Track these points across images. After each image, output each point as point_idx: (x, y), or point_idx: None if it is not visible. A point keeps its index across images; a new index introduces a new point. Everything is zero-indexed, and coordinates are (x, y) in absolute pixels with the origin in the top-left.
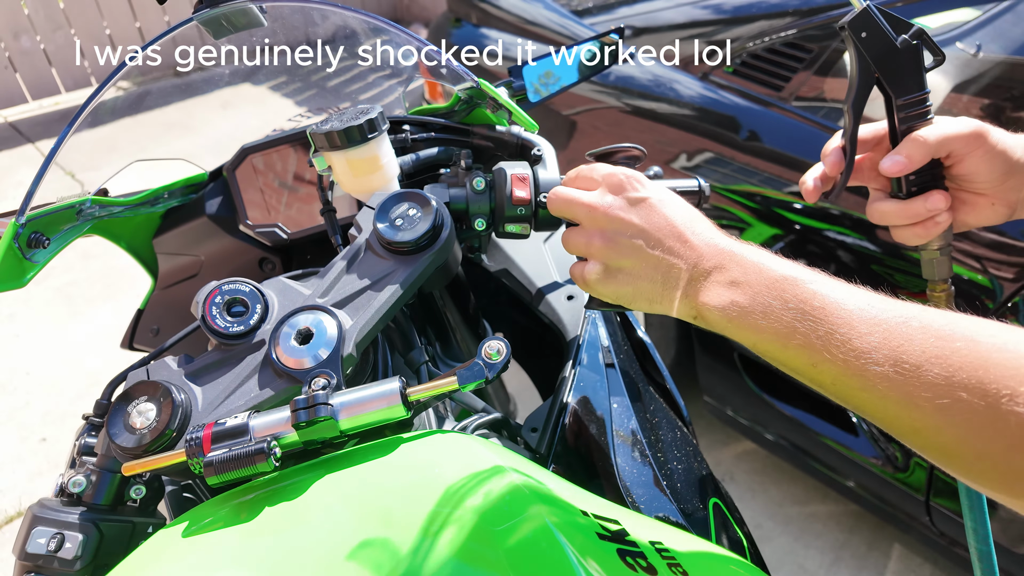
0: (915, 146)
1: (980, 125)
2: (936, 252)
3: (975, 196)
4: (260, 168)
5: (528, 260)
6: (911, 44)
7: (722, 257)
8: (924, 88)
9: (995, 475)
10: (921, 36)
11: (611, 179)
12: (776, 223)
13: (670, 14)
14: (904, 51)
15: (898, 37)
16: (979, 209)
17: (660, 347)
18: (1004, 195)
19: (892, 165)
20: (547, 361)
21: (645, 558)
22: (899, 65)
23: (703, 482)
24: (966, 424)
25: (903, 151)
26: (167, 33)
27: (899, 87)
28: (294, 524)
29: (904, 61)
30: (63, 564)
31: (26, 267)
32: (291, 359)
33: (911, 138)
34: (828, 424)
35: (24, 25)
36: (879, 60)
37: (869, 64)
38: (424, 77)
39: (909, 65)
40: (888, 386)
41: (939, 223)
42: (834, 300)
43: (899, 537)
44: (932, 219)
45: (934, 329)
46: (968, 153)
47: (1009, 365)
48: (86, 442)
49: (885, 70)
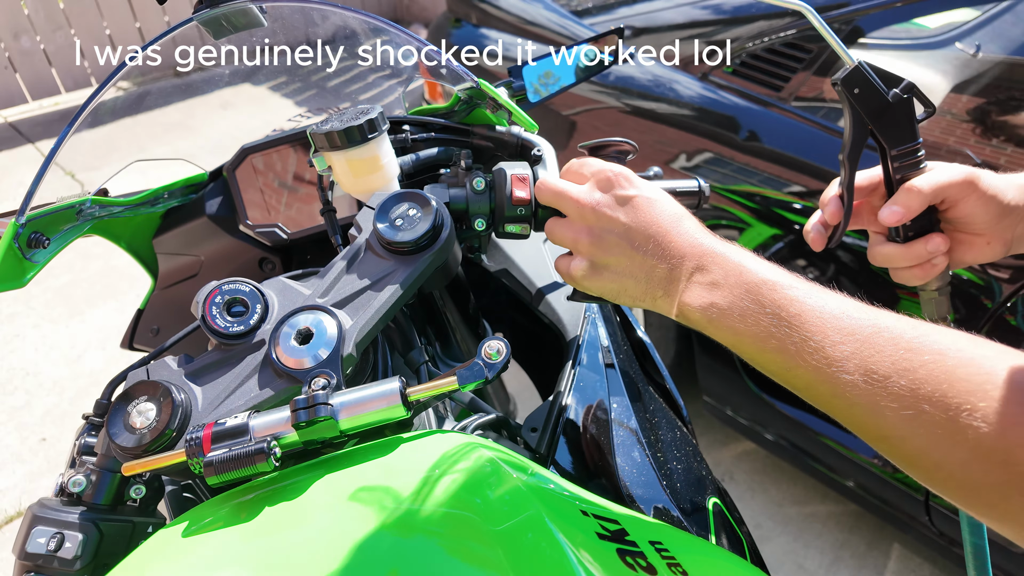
0: (911, 196)
1: (972, 171)
2: (935, 292)
3: (971, 236)
4: (260, 168)
5: (528, 260)
6: (902, 98)
7: (705, 258)
8: (917, 139)
9: (953, 485)
10: (912, 90)
11: (601, 175)
12: (776, 223)
13: (670, 14)
14: (896, 104)
15: (889, 91)
16: (976, 248)
17: (660, 347)
18: (999, 234)
19: (890, 215)
20: (547, 361)
21: (645, 558)
22: (892, 118)
23: (703, 482)
24: (928, 435)
25: (899, 201)
26: (167, 33)
27: (892, 139)
28: (294, 524)
29: (896, 114)
30: (63, 564)
31: (26, 267)
32: (291, 359)
33: (906, 188)
34: (828, 424)
35: (24, 25)
36: (872, 114)
37: (863, 118)
38: (424, 77)
39: (901, 117)
40: (857, 394)
41: (936, 265)
42: (810, 307)
43: (898, 537)
44: (930, 262)
45: (904, 341)
46: (962, 198)
47: (972, 381)
48: (86, 442)
49: (878, 123)
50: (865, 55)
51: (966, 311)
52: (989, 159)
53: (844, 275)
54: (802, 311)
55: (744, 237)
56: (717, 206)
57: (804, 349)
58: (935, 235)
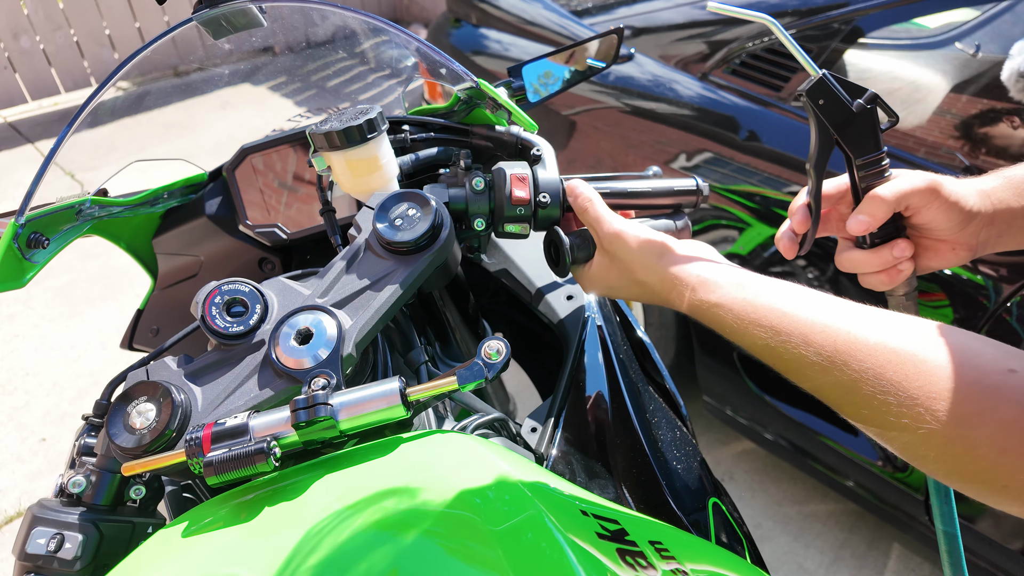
0: (875, 205)
1: (934, 179)
2: (902, 297)
3: (936, 242)
4: (260, 168)
5: (527, 260)
6: (866, 108)
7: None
8: (880, 148)
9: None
10: (875, 100)
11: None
12: (775, 223)
13: (670, 14)
14: (859, 115)
15: (853, 102)
16: (941, 254)
17: (660, 347)
18: (964, 240)
19: (857, 225)
20: (546, 361)
21: (645, 558)
22: (856, 128)
23: (702, 482)
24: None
25: (864, 210)
26: (167, 33)
27: (857, 148)
28: (294, 524)
29: (860, 124)
30: (63, 564)
31: (26, 267)
32: (291, 359)
33: (871, 196)
34: (827, 424)
35: (24, 25)
36: (837, 124)
37: (828, 128)
38: (423, 77)
39: (865, 127)
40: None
41: (902, 271)
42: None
43: (898, 536)
44: (896, 267)
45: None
46: (924, 205)
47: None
48: (86, 442)
49: (843, 133)
50: (865, 55)
51: (965, 311)
52: (989, 159)
53: (843, 275)
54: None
55: (744, 237)
56: (717, 206)
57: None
58: (900, 241)
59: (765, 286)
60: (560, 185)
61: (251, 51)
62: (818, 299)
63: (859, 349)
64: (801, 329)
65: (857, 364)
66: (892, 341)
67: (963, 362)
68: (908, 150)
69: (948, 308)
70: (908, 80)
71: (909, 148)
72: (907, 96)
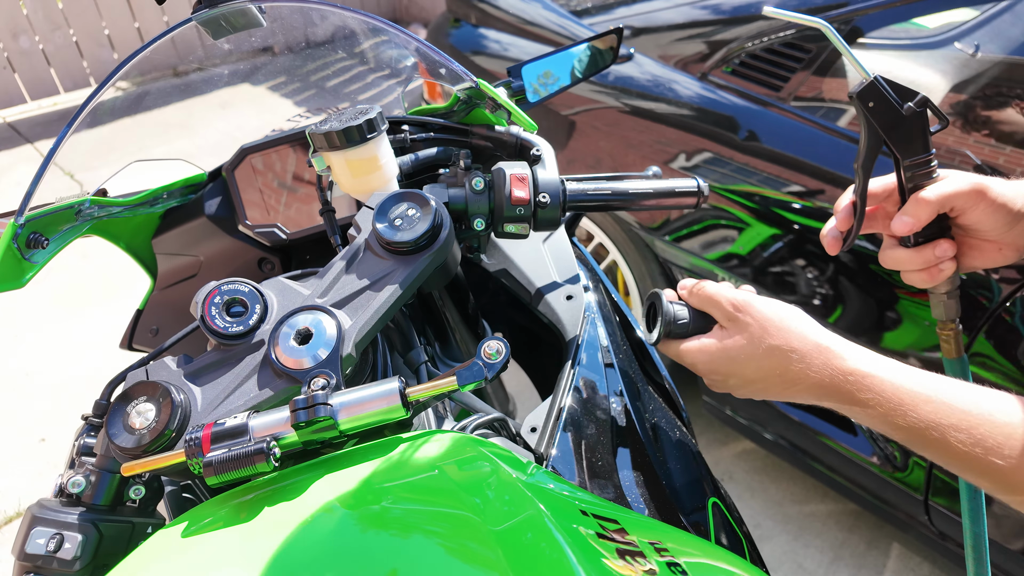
0: (919, 206)
1: (981, 181)
2: (944, 295)
3: (982, 242)
4: (259, 168)
5: (527, 260)
6: (916, 111)
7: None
8: (929, 150)
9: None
10: (926, 103)
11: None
12: (775, 223)
13: (669, 14)
14: (910, 118)
15: (904, 105)
16: (987, 254)
17: None
18: (1012, 240)
19: (901, 225)
20: (546, 361)
21: (644, 558)
22: (906, 130)
23: (702, 481)
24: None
25: (909, 211)
26: (166, 33)
27: (905, 150)
28: (294, 524)
29: (910, 126)
30: (62, 564)
31: (25, 267)
32: (290, 359)
33: (915, 199)
34: (827, 423)
35: (23, 25)
36: (886, 126)
37: (877, 130)
38: (423, 77)
39: (915, 130)
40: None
41: (943, 270)
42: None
43: (898, 536)
44: (938, 266)
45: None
46: (970, 207)
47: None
48: (85, 442)
49: (892, 135)
50: (864, 55)
51: (966, 311)
52: (988, 159)
53: (843, 275)
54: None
55: (743, 237)
56: (716, 206)
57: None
58: (943, 241)
59: (915, 373)
60: (560, 185)
61: (250, 51)
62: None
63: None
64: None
65: (1009, 452)
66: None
67: None
68: None
69: None
70: (907, 80)
71: None
72: None
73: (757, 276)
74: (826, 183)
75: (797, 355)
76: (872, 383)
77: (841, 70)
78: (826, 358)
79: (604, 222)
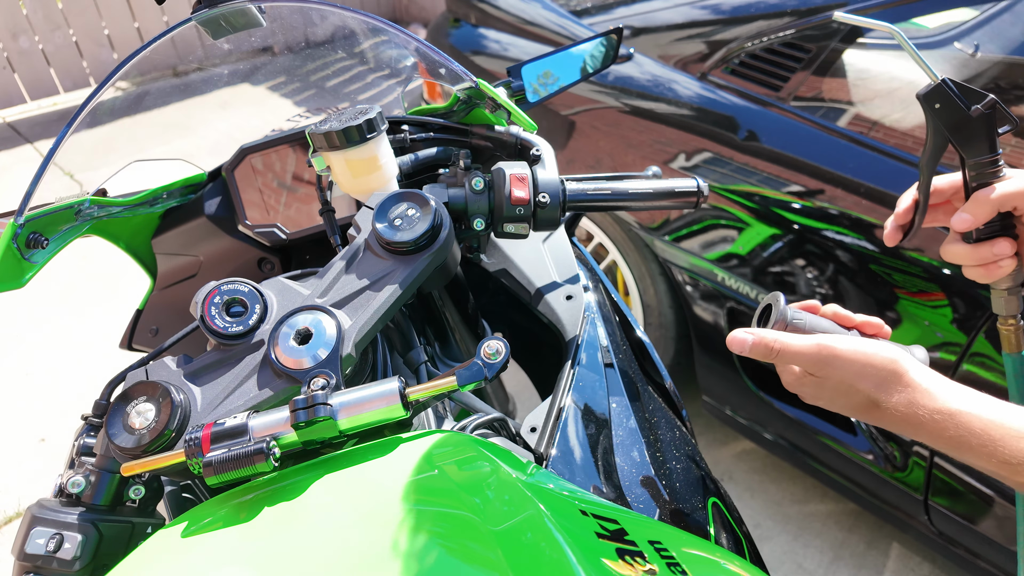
0: (978, 205)
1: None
2: (1004, 291)
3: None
4: (259, 168)
5: (527, 260)
6: (984, 113)
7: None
8: (996, 151)
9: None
10: (994, 106)
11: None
12: (774, 223)
13: (669, 14)
14: (976, 119)
15: (971, 107)
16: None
17: (659, 347)
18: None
19: (960, 222)
20: (546, 361)
21: (644, 557)
22: (972, 131)
23: (702, 481)
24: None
25: (969, 209)
26: (166, 33)
27: (971, 149)
28: (294, 524)
29: (976, 127)
30: (62, 564)
31: (25, 267)
32: (290, 359)
33: (976, 197)
34: (827, 423)
35: (23, 25)
36: (951, 127)
37: (942, 130)
38: (423, 77)
39: (981, 131)
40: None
41: (1001, 267)
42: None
43: (897, 536)
44: (996, 263)
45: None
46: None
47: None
48: (85, 442)
49: (957, 136)
50: (864, 55)
51: (965, 310)
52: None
53: (843, 275)
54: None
55: (743, 237)
56: (716, 206)
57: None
58: (1002, 239)
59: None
60: (560, 185)
61: (250, 51)
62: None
63: None
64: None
65: None
66: None
67: None
68: (907, 150)
69: (948, 307)
70: (908, 80)
71: (908, 148)
72: (906, 96)
73: (757, 276)
74: (826, 183)
75: (880, 365)
76: (961, 420)
77: (840, 70)
78: (912, 395)
79: (604, 222)
